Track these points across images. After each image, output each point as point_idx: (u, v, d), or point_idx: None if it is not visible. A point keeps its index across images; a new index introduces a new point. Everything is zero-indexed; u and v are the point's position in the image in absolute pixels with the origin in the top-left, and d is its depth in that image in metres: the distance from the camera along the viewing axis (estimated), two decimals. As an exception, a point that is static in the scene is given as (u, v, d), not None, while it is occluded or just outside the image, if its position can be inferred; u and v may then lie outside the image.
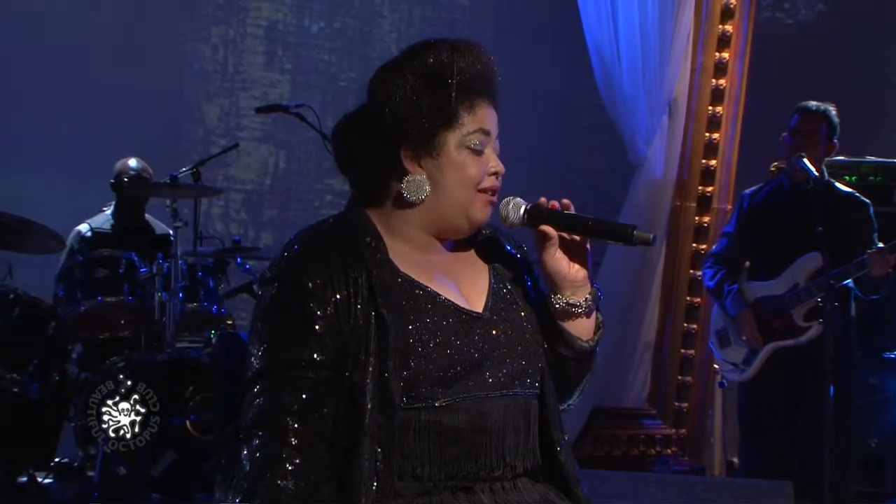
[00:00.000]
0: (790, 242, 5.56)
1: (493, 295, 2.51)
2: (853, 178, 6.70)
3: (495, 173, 2.48)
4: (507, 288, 2.53)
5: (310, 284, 2.37)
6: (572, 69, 8.30)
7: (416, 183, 2.44)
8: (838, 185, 5.52)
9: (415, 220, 2.48)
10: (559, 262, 2.51)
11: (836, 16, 9.21)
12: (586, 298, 2.54)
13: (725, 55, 7.08)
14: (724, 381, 6.29)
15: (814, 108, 5.61)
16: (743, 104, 7.08)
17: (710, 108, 7.09)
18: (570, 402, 2.65)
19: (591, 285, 2.56)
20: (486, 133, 2.46)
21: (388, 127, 2.44)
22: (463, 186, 2.45)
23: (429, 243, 2.50)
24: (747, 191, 6.02)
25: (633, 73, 6.91)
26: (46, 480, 6.03)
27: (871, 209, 5.60)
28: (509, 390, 2.43)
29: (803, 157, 5.38)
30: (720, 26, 7.08)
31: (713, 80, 7.09)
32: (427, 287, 2.44)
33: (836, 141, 5.61)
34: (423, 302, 2.41)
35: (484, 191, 2.47)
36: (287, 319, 2.37)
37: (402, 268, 2.45)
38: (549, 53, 8.72)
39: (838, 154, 6.75)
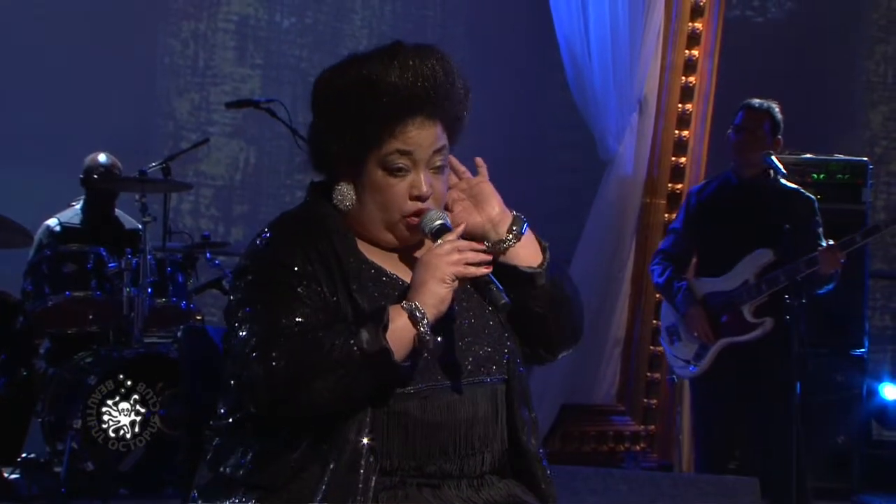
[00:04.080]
0: (738, 238, 5.58)
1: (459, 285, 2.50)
2: (821, 176, 6.75)
3: (417, 196, 2.43)
4: None
5: (294, 267, 2.38)
6: (543, 67, 8.31)
7: (342, 193, 2.47)
8: (783, 181, 5.54)
9: (358, 221, 2.49)
10: (471, 216, 2.51)
11: (805, 14, 9.24)
12: (510, 228, 2.53)
13: (695, 53, 7.11)
14: (674, 377, 6.32)
15: (757, 105, 5.64)
16: (712, 102, 7.11)
17: (680, 105, 7.13)
18: (566, 345, 2.63)
19: (510, 213, 2.55)
20: (406, 154, 2.42)
21: (321, 138, 2.47)
22: (382, 209, 2.44)
23: (384, 240, 2.50)
24: (693, 187, 6.06)
25: (603, 71, 6.93)
26: (13, 476, 5.99)
27: (816, 204, 5.63)
28: (476, 378, 2.44)
29: (772, 154, 5.43)
30: (690, 24, 7.11)
31: (683, 78, 7.12)
32: (393, 274, 2.46)
33: (780, 137, 5.64)
34: (390, 289, 2.43)
35: (407, 215, 2.44)
36: (276, 292, 2.36)
37: (369, 256, 2.47)
38: (520, 51, 8.73)
39: (807, 151, 6.82)
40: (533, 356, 2.61)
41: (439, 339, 2.40)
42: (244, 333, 2.34)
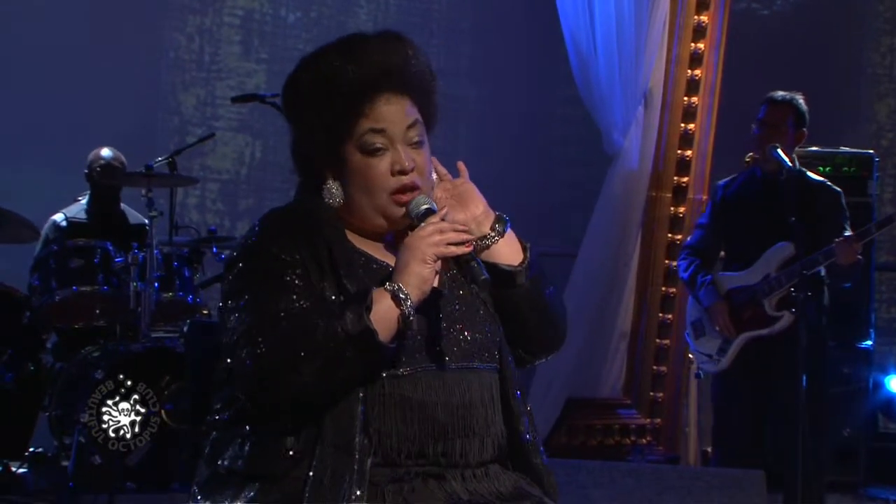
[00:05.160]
0: (763, 232, 5.57)
1: (448, 271, 2.52)
2: (827, 169, 6.74)
3: (400, 171, 2.45)
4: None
5: (282, 256, 2.40)
6: (548, 60, 8.31)
7: (330, 191, 2.49)
8: (810, 174, 5.53)
9: (349, 214, 2.51)
10: (456, 214, 2.53)
11: (811, 6, 9.24)
12: (493, 227, 2.55)
13: (701, 46, 7.10)
14: (700, 371, 6.31)
15: (780, 98, 5.60)
16: (718, 95, 7.10)
17: (686, 98, 7.10)
18: (546, 348, 2.66)
19: (493, 212, 2.58)
20: (379, 132, 2.45)
21: (299, 145, 2.51)
22: (369, 192, 2.46)
23: (378, 225, 2.52)
24: (721, 182, 6.04)
25: (609, 64, 6.92)
26: (21, 470, 6.01)
27: (843, 197, 5.61)
28: (468, 363, 2.46)
29: (777, 147, 5.40)
30: (696, 17, 7.09)
31: (689, 71, 7.10)
32: (383, 262, 2.48)
33: (804, 130, 5.61)
34: (381, 276, 2.44)
35: (393, 192, 2.46)
36: (264, 281, 2.39)
37: (360, 246, 2.49)
38: (525, 44, 8.72)
39: (813, 144, 6.80)
40: (514, 358, 2.62)
41: (427, 321, 2.42)
42: (234, 323, 2.36)
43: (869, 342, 6.89)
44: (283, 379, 2.29)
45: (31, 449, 6.09)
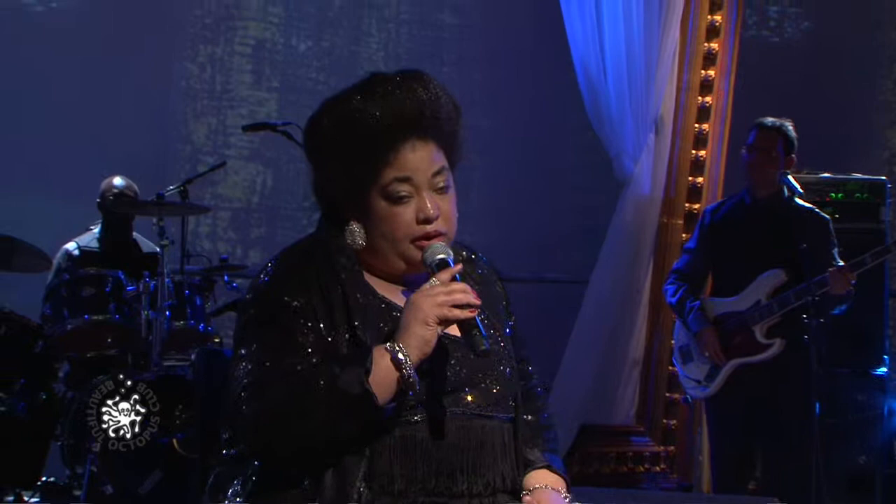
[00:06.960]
0: (751, 258, 5.57)
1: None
2: (839, 196, 6.73)
3: (426, 219, 2.41)
4: (483, 313, 2.47)
5: (294, 303, 2.36)
6: (559, 88, 8.30)
7: (352, 233, 2.45)
8: (798, 200, 5.53)
9: (371, 256, 2.47)
10: None
11: (822, 33, 9.23)
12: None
13: (711, 73, 7.10)
14: (688, 396, 6.31)
15: (769, 123, 5.62)
16: (729, 121, 7.10)
17: (697, 125, 7.11)
18: None
19: None
20: (405, 180, 2.40)
21: (321, 187, 2.47)
22: (391, 239, 2.41)
23: (398, 269, 2.48)
24: (708, 206, 6.06)
25: (619, 92, 6.92)
26: (33, 500, 6.01)
27: (831, 224, 5.61)
28: (485, 412, 2.43)
29: (788, 174, 5.41)
30: (706, 44, 7.10)
31: (699, 98, 7.11)
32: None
33: (793, 156, 5.62)
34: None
35: (417, 240, 2.42)
36: (273, 332, 2.35)
37: (380, 290, 2.45)
38: (536, 72, 8.73)
39: (825, 171, 6.80)
40: None
41: (448, 367, 2.39)
42: (240, 373, 2.34)
43: (883, 369, 6.86)
44: (282, 436, 2.28)
45: (44, 478, 6.09)
